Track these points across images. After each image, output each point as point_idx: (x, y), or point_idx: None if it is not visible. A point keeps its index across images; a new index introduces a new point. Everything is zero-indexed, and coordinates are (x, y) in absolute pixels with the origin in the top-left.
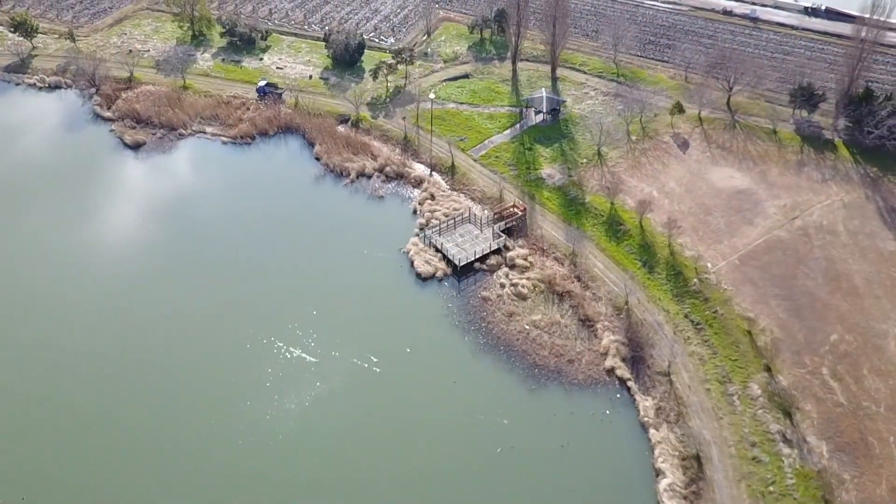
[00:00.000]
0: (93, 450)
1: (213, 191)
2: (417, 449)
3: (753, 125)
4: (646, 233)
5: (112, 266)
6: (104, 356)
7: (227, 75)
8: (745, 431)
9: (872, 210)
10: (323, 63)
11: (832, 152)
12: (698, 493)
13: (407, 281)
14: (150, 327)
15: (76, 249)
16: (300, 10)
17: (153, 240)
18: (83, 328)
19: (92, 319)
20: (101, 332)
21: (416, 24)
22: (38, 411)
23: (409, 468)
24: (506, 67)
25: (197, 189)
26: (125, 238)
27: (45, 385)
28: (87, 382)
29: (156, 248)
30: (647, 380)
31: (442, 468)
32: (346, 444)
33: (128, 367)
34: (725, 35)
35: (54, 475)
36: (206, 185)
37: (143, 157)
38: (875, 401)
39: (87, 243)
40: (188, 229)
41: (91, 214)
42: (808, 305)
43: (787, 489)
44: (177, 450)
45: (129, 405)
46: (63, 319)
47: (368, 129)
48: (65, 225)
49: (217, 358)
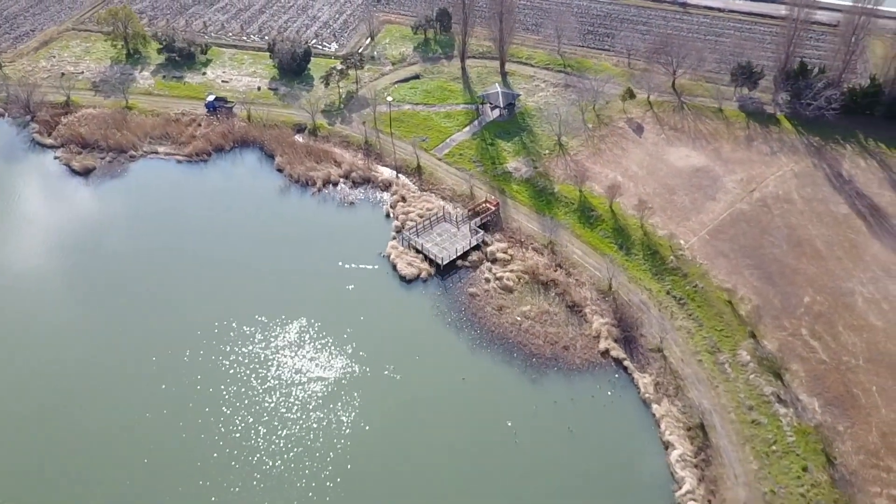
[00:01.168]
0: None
1: (176, 212)
2: (435, 446)
3: (700, 105)
4: (618, 216)
5: (81, 294)
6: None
7: (171, 92)
8: (742, 397)
9: (821, 177)
10: (269, 73)
11: (776, 126)
12: (707, 460)
13: (392, 285)
14: (134, 351)
15: (35, 280)
16: (236, 22)
17: (121, 266)
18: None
19: (61, 348)
20: (74, 367)
21: (357, 29)
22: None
23: (427, 464)
24: (454, 66)
25: (158, 211)
26: (91, 266)
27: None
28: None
29: (126, 274)
30: (642, 358)
31: (457, 463)
32: (367, 444)
33: (118, 393)
34: (658, 21)
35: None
36: (167, 207)
37: (94, 182)
38: (853, 354)
39: (49, 274)
40: (157, 254)
41: (49, 245)
42: (778, 272)
43: (789, 446)
44: (193, 461)
45: (127, 423)
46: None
47: (327, 137)
48: (26, 257)
49: (220, 386)
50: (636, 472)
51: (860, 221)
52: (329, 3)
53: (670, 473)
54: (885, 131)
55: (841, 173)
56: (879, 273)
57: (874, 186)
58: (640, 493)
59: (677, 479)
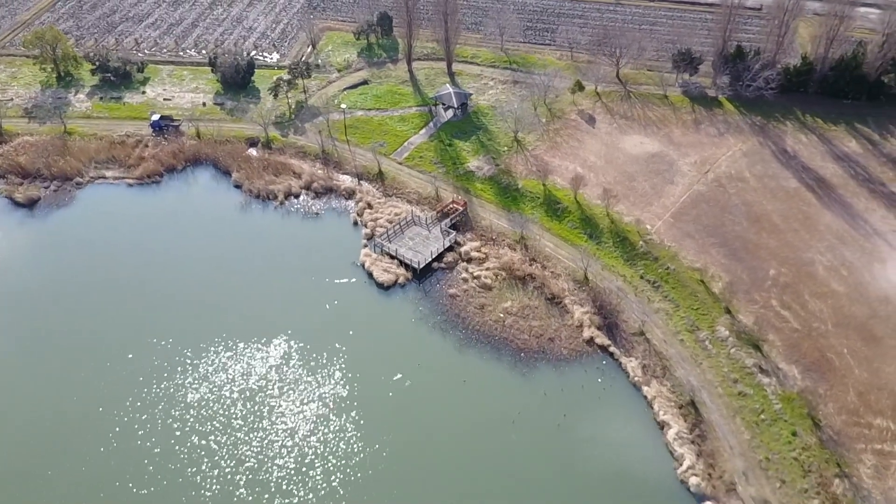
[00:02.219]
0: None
1: (134, 238)
2: (437, 448)
3: (646, 93)
4: (583, 207)
5: (44, 331)
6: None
7: (111, 114)
8: (725, 371)
9: (768, 154)
10: (212, 88)
11: (719, 108)
12: (703, 435)
13: (371, 293)
14: (108, 388)
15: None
16: (169, 37)
17: (81, 298)
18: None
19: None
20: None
21: (296, 37)
22: None
23: (432, 468)
24: (401, 69)
25: (115, 239)
26: (49, 301)
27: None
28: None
29: (88, 307)
30: (626, 342)
31: (461, 463)
32: (373, 455)
33: (85, 439)
34: (594, 14)
35: None
36: (123, 234)
37: (42, 214)
38: (822, 321)
39: (3, 315)
40: (119, 283)
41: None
42: (742, 248)
43: (777, 414)
44: (213, 475)
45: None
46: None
47: (282, 149)
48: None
49: (211, 417)
50: (635, 454)
51: (810, 194)
52: (264, 13)
53: (669, 452)
54: (819, 106)
55: (785, 149)
56: (834, 241)
57: (817, 160)
58: (643, 474)
59: (676, 457)
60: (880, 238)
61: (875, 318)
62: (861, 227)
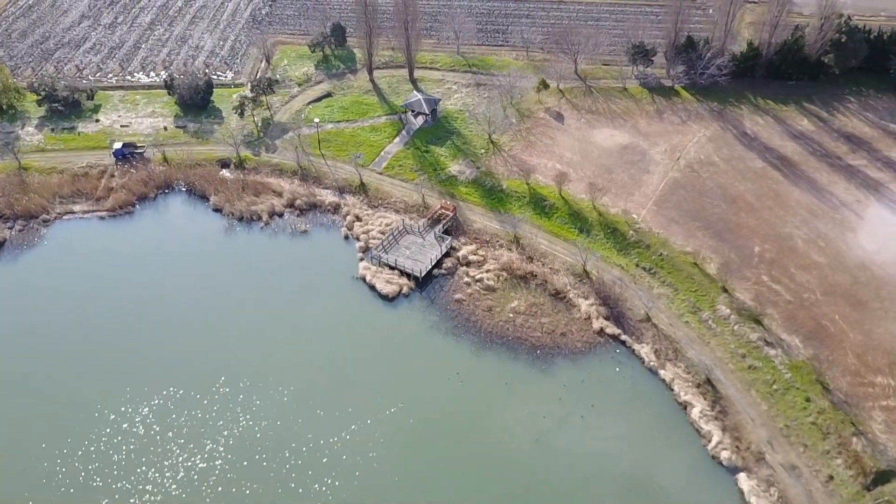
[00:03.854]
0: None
1: (116, 274)
2: (471, 456)
3: (605, 87)
4: (570, 202)
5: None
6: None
7: (66, 146)
8: (733, 347)
9: (731, 138)
10: (170, 111)
11: (677, 97)
12: (724, 410)
13: (376, 305)
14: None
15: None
16: (113, 61)
17: (72, 343)
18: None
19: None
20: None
21: (248, 53)
22: None
23: (470, 476)
24: (362, 79)
25: (93, 278)
26: (34, 346)
27: None
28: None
29: (72, 357)
30: (634, 329)
31: (501, 461)
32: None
33: None
34: (539, 13)
35: None
36: (102, 271)
37: (9, 256)
38: (811, 291)
39: None
40: (105, 327)
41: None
42: (725, 229)
43: (788, 383)
44: None
45: None
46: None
47: (256, 168)
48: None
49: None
50: (664, 436)
51: (776, 172)
52: (208, 30)
53: (695, 430)
54: (768, 89)
55: (746, 132)
56: (807, 215)
57: (776, 140)
58: (675, 455)
59: (704, 434)
60: (847, 209)
61: (857, 284)
62: (828, 200)
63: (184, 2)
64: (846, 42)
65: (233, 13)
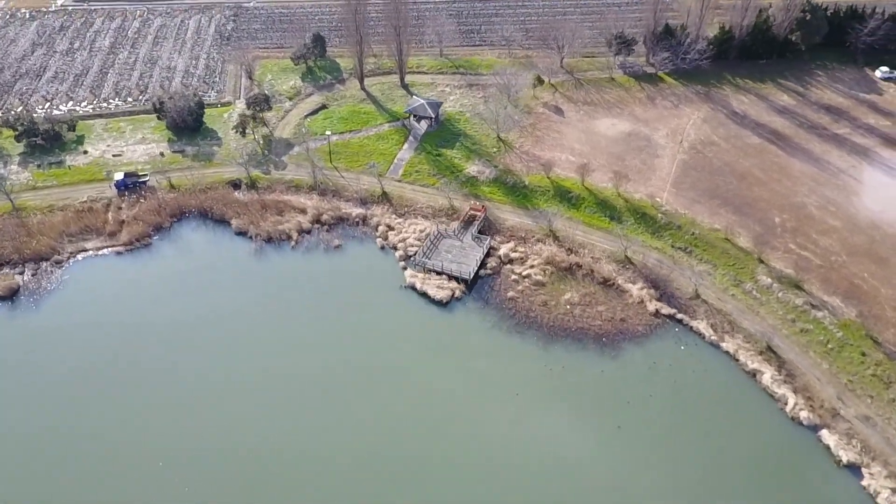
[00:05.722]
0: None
1: (146, 312)
2: (580, 438)
3: (593, 78)
4: (594, 192)
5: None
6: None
7: (59, 181)
8: (782, 314)
9: (723, 117)
10: (162, 136)
11: (663, 83)
12: (791, 373)
13: (432, 312)
14: None
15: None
16: (82, 90)
17: (109, 396)
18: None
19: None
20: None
21: (225, 71)
22: None
23: (581, 452)
24: (353, 88)
25: (124, 317)
26: (69, 401)
27: None
28: None
29: (118, 403)
30: (687, 307)
31: (607, 448)
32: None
33: None
34: (507, 11)
35: None
36: (132, 309)
37: (27, 303)
38: (837, 253)
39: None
40: (150, 368)
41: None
42: (744, 204)
43: (841, 341)
44: None
45: None
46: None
47: (270, 186)
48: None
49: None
50: (743, 405)
51: (773, 147)
52: (176, 50)
53: (769, 395)
54: (743, 69)
55: (735, 111)
56: (812, 184)
57: (764, 116)
58: (758, 421)
59: (779, 398)
60: (846, 175)
61: (875, 242)
62: (827, 168)
63: (140, 23)
64: (811, 20)
65: (196, 31)
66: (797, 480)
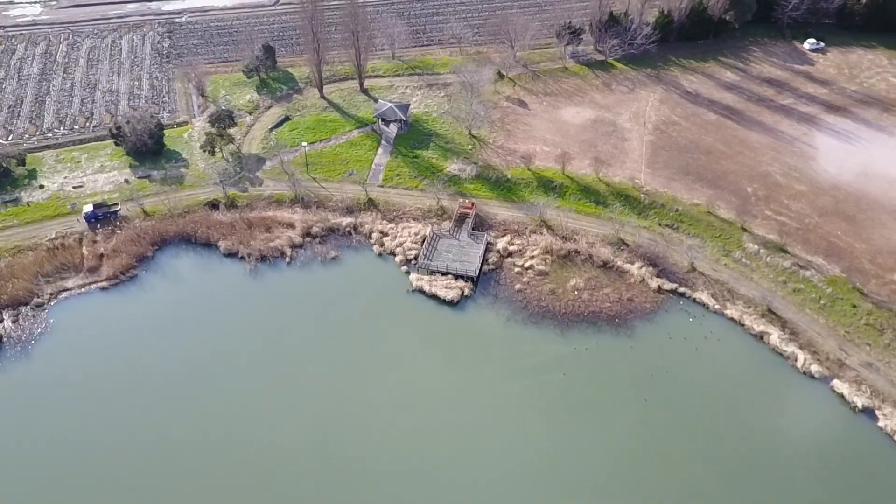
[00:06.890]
0: None
1: (145, 350)
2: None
3: (547, 69)
4: (575, 180)
5: None
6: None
7: (20, 219)
8: (773, 277)
9: (677, 97)
10: (122, 162)
11: (614, 69)
12: (794, 331)
13: (445, 312)
14: None
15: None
16: (22, 121)
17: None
18: None
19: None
20: None
21: (173, 89)
22: None
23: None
24: (312, 97)
25: (122, 358)
26: (72, 455)
27: None
28: None
29: (127, 454)
30: (686, 281)
31: (642, 423)
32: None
33: None
34: (448, 10)
35: None
36: (129, 349)
37: (12, 352)
38: (808, 215)
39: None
40: (159, 412)
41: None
42: (716, 177)
43: (831, 296)
44: None
45: None
46: None
47: (250, 204)
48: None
49: None
50: (756, 365)
51: (729, 121)
52: (114, 72)
53: (779, 354)
54: (684, 50)
55: (687, 91)
56: (772, 153)
57: (715, 93)
58: (774, 378)
59: (789, 356)
60: (800, 142)
61: (840, 202)
62: (782, 137)
63: (67, 46)
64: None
65: (131, 50)
66: (823, 430)
